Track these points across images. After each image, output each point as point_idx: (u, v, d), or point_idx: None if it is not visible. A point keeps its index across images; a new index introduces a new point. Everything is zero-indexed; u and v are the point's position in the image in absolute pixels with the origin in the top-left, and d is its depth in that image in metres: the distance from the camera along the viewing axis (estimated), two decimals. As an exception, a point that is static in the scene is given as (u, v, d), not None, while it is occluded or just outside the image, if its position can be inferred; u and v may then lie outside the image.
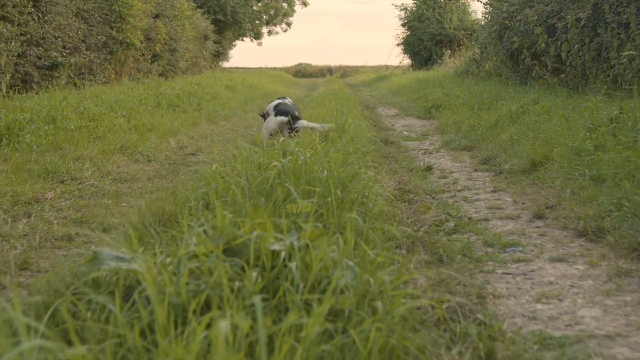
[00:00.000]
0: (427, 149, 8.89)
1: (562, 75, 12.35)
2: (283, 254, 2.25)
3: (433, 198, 5.58)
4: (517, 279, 3.51)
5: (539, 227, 4.54)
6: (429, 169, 7.09)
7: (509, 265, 3.74)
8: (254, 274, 2.06)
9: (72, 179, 5.77)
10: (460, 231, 4.47)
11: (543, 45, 12.60)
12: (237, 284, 2.11)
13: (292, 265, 2.15)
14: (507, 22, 15.68)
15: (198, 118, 11.43)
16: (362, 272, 2.51)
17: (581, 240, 4.14)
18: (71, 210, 4.84)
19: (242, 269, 2.30)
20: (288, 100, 7.88)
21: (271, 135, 7.13)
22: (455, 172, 6.99)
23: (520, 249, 4.03)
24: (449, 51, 25.86)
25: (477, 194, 5.72)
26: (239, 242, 2.34)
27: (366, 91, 25.27)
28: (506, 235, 4.35)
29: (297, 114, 7.06)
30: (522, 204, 5.22)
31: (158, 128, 9.26)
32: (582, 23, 10.83)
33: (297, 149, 3.94)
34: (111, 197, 5.31)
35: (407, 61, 31.65)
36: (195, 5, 28.28)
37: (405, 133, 11.04)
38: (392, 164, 6.94)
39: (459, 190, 5.91)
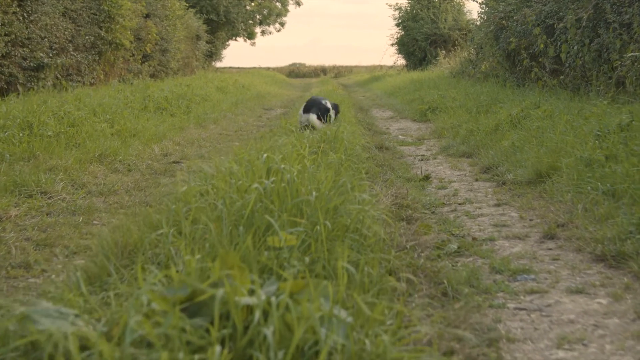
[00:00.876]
0: (424, 155, 8.45)
1: (562, 77, 11.93)
2: (257, 315, 1.79)
3: (432, 213, 5.13)
4: (532, 315, 3.06)
5: (550, 249, 4.09)
6: (426, 178, 6.65)
7: (522, 297, 3.29)
8: (218, 348, 1.60)
9: (41, 193, 5.28)
10: (465, 254, 4.02)
11: (542, 46, 12.17)
12: (197, 357, 1.65)
13: (268, 332, 1.69)
14: (504, 22, 15.25)
15: (186, 122, 10.95)
16: (355, 323, 2.06)
17: (600, 266, 3.70)
18: (36, 230, 4.35)
19: (208, 330, 1.85)
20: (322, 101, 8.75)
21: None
22: (454, 181, 6.55)
23: (533, 276, 3.58)
24: (443, 51, 25.41)
25: (479, 208, 5.27)
26: (206, 296, 1.89)
27: (360, 92, 24.80)
28: (515, 258, 3.90)
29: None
30: (530, 220, 4.77)
31: (143, 133, 8.79)
32: (583, 23, 10.39)
33: (282, 165, 3.48)
34: (83, 214, 4.83)
35: (401, 61, 31.20)
36: (188, 5, 27.75)
37: (400, 137, 10.60)
38: (387, 173, 6.49)
39: (460, 204, 5.46)
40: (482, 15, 19.30)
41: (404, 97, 17.01)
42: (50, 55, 13.59)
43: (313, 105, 8.44)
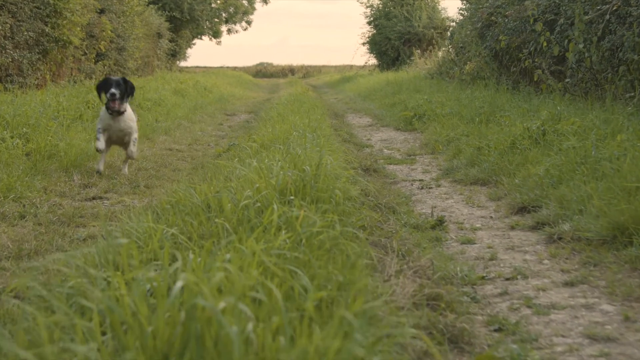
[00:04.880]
0: (422, 180, 6.49)
1: (568, 80, 10.07)
2: None
3: (473, 300, 3.16)
4: None
5: None
6: (440, 223, 4.67)
7: None
8: None
9: None
10: None
11: (545, 43, 10.28)
12: None
13: None
14: (493, 18, 13.37)
15: (130, 133, 8.82)
16: None
17: None
18: None
19: None
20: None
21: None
22: (480, 228, 4.59)
23: None
24: (418, 51, 23.48)
25: (544, 290, 3.29)
26: None
27: (331, 94, 22.74)
28: None
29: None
30: (644, 325, 2.81)
31: (66, 152, 6.67)
32: (607, 17, 8.51)
33: (215, 301, 1.45)
34: None
35: (373, 61, 29.16)
36: (148, 0, 25.46)
37: (385, 151, 8.64)
38: (389, 220, 4.49)
39: (508, 279, 3.48)
40: (463, 12, 17.45)
41: (381, 100, 15.02)
42: (-18, 53, 11.44)
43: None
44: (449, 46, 19.07)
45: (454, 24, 18.67)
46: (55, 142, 6.96)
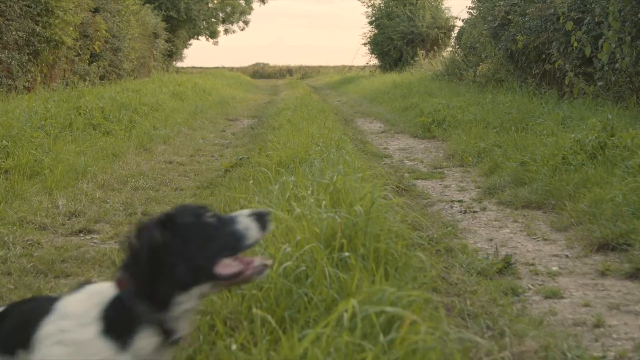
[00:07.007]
0: (461, 201, 5.54)
1: (600, 83, 9.14)
2: None
3: (604, 402, 2.22)
4: None
5: None
6: (507, 264, 3.72)
7: None
8: None
9: None
10: None
11: (575, 44, 9.34)
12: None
13: None
14: (510, 16, 12.43)
15: (125, 143, 7.84)
16: None
17: None
18: None
19: None
20: None
21: None
22: (559, 273, 3.64)
23: None
24: (423, 51, 22.52)
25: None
26: None
27: (333, 96, 21.72)
28: None
29: None
30: None
31: (51, 170, 5.69)
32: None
33: None
34: None
35: (374, 62, 28.12)
36: (143, 0, 24.45)
37: (407, 162, 7.69)
38: (453, 266, 3.53)
39: (635, 361, 2.55)
40: (472, 11, 16.49)
41: (391, 104, 14.03)
42: (-32, 54, 10.51)
43: None
44: (457, 47, 18.14)
45: (461, 23, 17.67)
46: (40, 156, 5.97)
